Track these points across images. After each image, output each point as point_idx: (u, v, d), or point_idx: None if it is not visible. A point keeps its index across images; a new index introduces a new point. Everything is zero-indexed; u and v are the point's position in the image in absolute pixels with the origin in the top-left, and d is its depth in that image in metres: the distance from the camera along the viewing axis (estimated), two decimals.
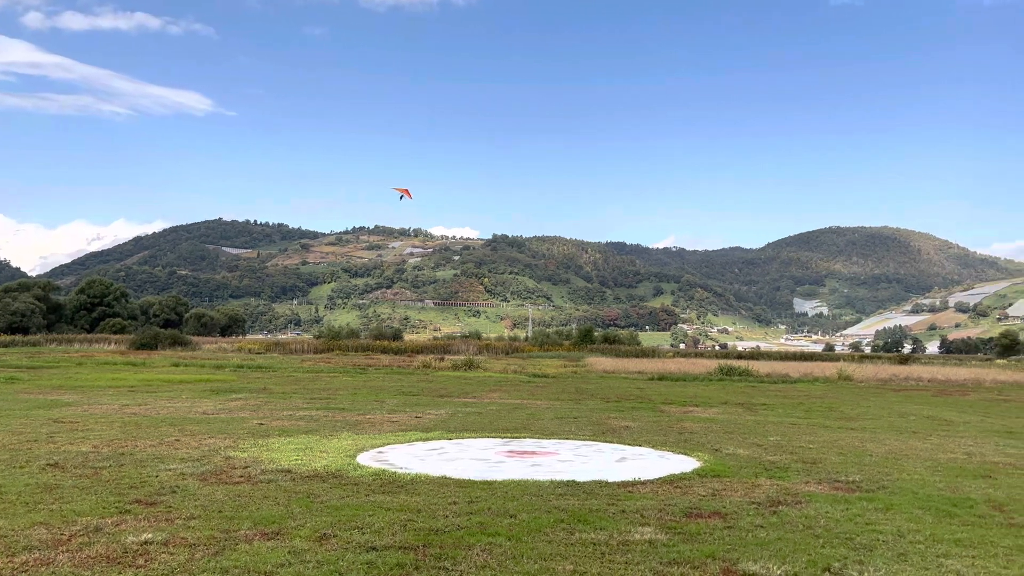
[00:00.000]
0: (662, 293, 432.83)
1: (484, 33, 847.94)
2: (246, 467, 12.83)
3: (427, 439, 17.04)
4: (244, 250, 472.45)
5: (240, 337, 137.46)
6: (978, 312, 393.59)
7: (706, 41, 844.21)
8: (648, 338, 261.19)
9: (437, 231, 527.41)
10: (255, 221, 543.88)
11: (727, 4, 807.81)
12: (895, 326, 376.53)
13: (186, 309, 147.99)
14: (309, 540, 8.31)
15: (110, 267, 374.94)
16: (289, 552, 7.83)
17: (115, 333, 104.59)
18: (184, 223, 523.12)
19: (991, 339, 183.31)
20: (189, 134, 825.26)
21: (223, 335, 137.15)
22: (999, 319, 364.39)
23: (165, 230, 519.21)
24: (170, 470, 12.42)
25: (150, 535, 8.38)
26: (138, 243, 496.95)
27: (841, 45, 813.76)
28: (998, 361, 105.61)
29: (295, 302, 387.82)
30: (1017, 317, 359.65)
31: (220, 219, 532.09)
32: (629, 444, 16.94)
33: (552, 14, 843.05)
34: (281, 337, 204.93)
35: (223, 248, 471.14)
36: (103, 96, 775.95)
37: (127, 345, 78.45)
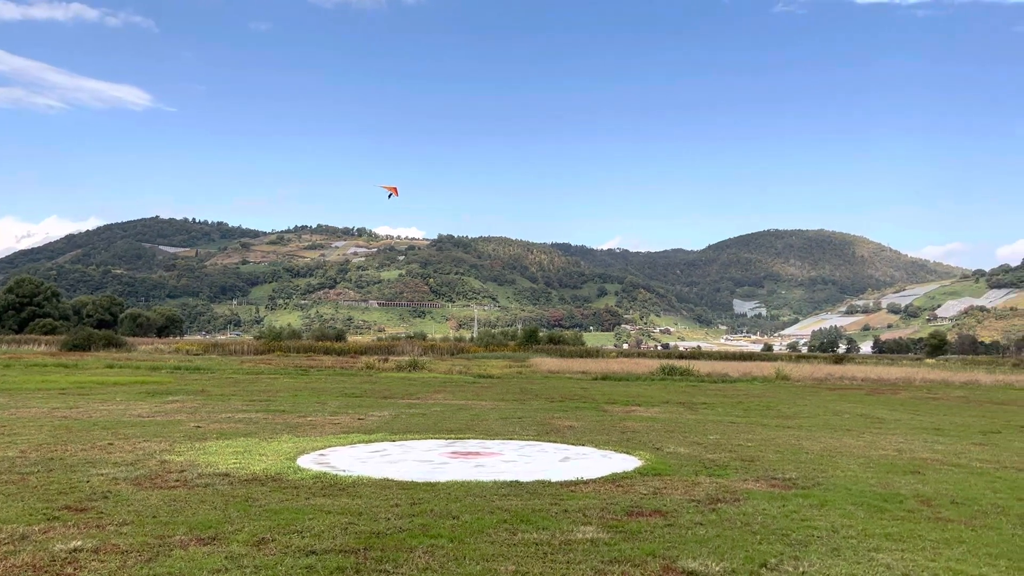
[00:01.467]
0: (606, 294, 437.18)
1: (432, 33, 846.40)
2: (182, 471, 12.53)
3: (370, 441, 16.87)
4: (182, 249, 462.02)
5: (177, 338, 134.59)
6: (909, 313, 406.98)
7: (648, 48, 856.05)
8: (592, 338, 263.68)
9: (382, 231, 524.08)
10: (194, 219, 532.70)
11: (669, 10, 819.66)
12: (831, 327, 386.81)
13: (121, 309, 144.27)
14: (247, 545, 8.14)
15: (40, 265, 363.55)
16: (226, 557, 7.67)
17: (45, 334, 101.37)
18: (119, 221, 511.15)
19: (921, 339, 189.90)
20: (126, 129, 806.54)
21: (160, 336, 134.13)
22: (929, 320, 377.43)
23: (99, 228, 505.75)
24: (102, 475, 12.05)
25: (79, 542, 8.11)
26: (71, 241, 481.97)
27: (782, 52, 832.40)
28: (927, 361, 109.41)
29: (235, 302, 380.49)
30: (945, 318, 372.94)
31: (157, 217, 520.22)
32: (572, 444, 17.03)
33: (500, 17, 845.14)
34: (220, 338, 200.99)
35: (160, 247, 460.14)
36: (36, 89, 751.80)
37: (58, 346, 75.98)
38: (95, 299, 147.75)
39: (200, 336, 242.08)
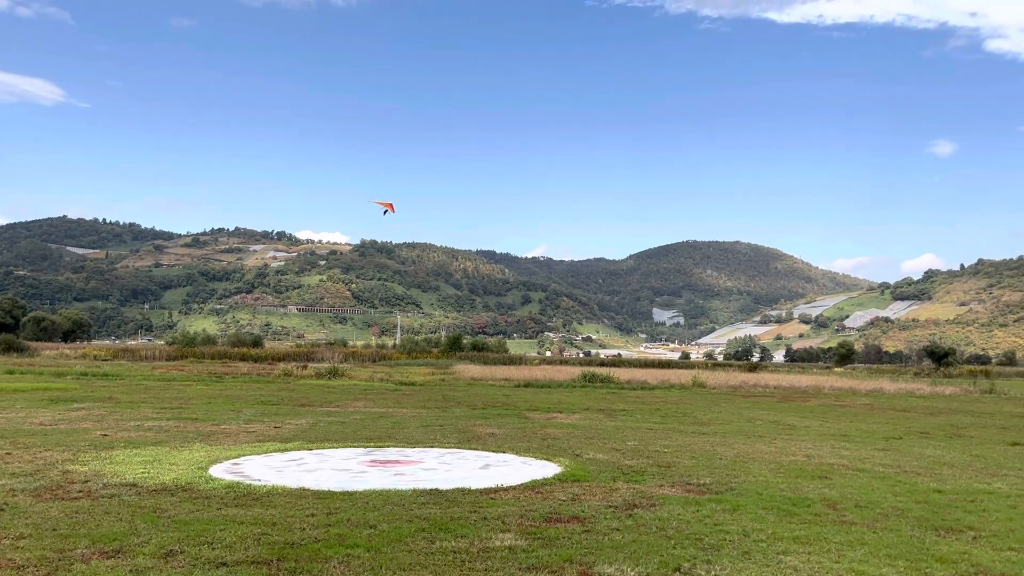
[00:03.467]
0: (530, 302, 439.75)
1: (359, 36, 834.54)
2: (86, 481, 12.02)
3: (286, 450, 16.54)
4: (91, 250, 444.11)
5: (84, 343, 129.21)
6: (819, 323, 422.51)
7: (575, 62, 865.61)
8: (516, 346, 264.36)
9: (303, 235, 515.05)
10: (104, 220, 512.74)
11: (595, 25, 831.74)
12: (745, 336, 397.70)
13: (24, 312, 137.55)
14: (153, 557, 7.86)
15: None
16: (131, 571, 7.39)
17: None
18: (24, 220, 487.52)
19: (830, 348, 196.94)
20: (35, 125, 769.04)
21: (65, 341, 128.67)
22: (837, 330, 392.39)
23: (2, 227, 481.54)
24: None
25: None
26: None
27: (704, 68, 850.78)
28: (836, 369, 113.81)
29: (146, 306, 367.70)
30: (853, 328, 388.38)
31: (65, 216, 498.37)
32: (493, 451, 17.05)
33: (426, 25, 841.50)
34: (130, 343, 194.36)
35: (67, 247, 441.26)
36: None
37: None
38: None
39: (109, 341, 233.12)
